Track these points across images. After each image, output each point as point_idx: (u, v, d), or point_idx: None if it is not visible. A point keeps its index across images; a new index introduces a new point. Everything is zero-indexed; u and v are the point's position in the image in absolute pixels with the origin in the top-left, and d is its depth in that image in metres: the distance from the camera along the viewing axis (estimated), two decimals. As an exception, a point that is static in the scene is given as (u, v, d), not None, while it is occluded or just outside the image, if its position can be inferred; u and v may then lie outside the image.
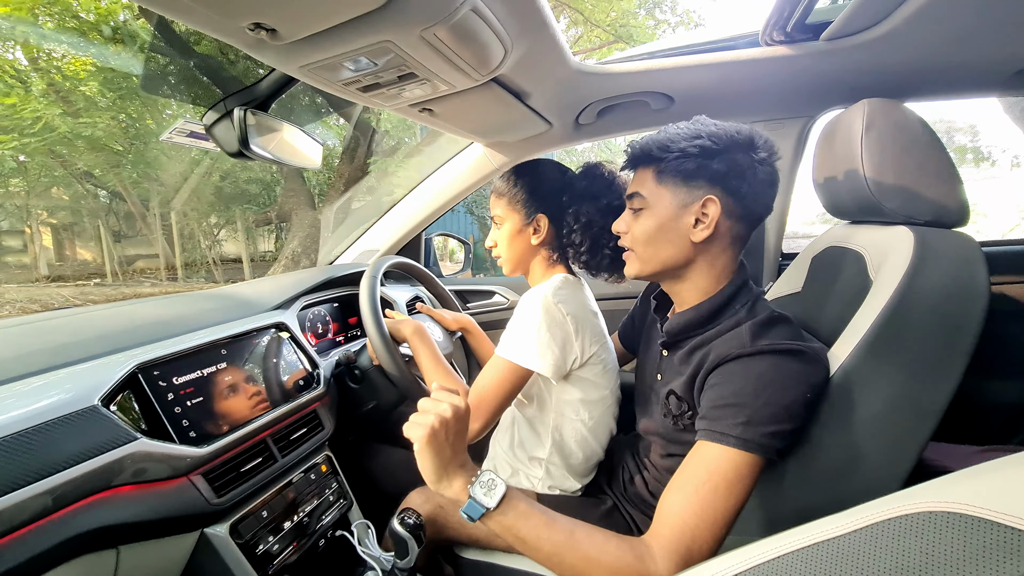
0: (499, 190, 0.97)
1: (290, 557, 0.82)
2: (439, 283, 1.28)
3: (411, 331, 0.95)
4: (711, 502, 0.56)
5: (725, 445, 0.58)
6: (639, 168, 0.74)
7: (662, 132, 0.71)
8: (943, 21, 0.78)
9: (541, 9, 0.69)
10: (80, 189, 7.82)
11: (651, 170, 0.71)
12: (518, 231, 0.95)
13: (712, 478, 0.57)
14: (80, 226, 8.76)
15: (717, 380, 0.63)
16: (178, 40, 3.82)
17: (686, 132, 0.69)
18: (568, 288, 0.89)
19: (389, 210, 1.60)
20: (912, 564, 0.27)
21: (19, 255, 9.25)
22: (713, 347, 0.67)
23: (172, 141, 1.19)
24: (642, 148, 0.71)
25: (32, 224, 8.35)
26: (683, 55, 1.00)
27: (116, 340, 0.75)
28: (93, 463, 0.59)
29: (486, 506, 0.57)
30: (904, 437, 0.61)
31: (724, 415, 0.59)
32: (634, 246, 0.74)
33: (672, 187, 0.69)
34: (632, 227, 0.74)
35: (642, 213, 0.72)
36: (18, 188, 7.25)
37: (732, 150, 0.67)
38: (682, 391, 0.70)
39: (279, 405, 0.87)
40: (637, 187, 0.73)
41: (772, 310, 0.69)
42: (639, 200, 0.72)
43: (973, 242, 0.65)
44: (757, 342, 0.63)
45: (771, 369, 0.60)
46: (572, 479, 0.91)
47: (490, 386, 0.83)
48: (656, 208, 0.70)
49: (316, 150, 1.09)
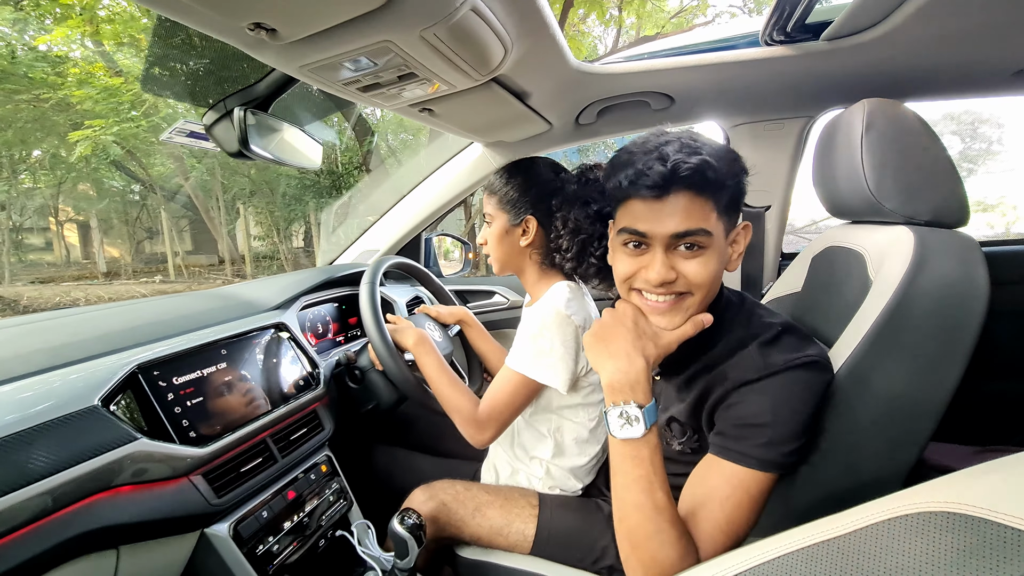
0: (491, 187, 0.96)
1: (290, 557, 0.82)
2: (435, 279, 1.27)
3: (414, 341, 0.94)
4: (734, 517, 0.56)
5: (747, 467, 0.57)
6: (680, 194, 0.57)
7: (702, 147, 0.57)
8: (943, 21, 0.78)
9: (541, 9, 0.69)
10: (136, 184, 7.81)
11: (709, 200, 0.58)
12: (506, 231, 0.93)
13: (735, 495, 0.57)
14: (143, 222, 8.77)
15: (734, 399, 0.61)
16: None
17: (725, 155, 0.58)
18: (575, 298, 0.87)
19: (389, 210, 1.60)
20: (912, 564, 0.27)
21: (74, 252, 9.22)
22: (721, 372, 0.63)
23: (172, 141, 1.19)
24: (703, 166, 0.55)
25: (91, 220, 8.33)
26: (683, 55, 1.00)
27: (116, 340, 0.75)
28: (93, 463, 0.59)
29: (613, 434, 0.57)
30: (904, 436, 0.61)
31: (745, 435, 0.58)
32: (694, 290, 0.60)
33: (727, 219, 0.61)
34: (687, 270, 0.59)
35: (704, 253, 0.59)
36: (69, 181, 7.26)
37: (746, 171, 0.63)
38: (684, 418, 0.68)
39: (279, 405, 0.87)
40: (694, 220, 0.57)
41: (770, 320, 0.65)
42: (703, 238, 0.58)
43: (973, 242, 0.65)
44: (770, 361, 0.60)
45: (788, 388, 0.59)
46: (573, 480, 0.91)
47: (503, 397, 0.84)
48: (717, 245, 0.60)
49: (316, 150, 1.10)
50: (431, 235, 1.73)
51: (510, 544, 0.84)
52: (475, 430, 0.84)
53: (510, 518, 0.85)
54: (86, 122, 5.40)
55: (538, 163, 0.96)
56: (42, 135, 6.08)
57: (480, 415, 0.84)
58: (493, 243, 0.95)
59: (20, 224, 7.67)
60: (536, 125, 1.17)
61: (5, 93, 5.34)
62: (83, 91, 5.30)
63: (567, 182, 0.93)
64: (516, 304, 1.65)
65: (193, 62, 1.03)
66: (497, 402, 0.84)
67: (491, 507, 0.86)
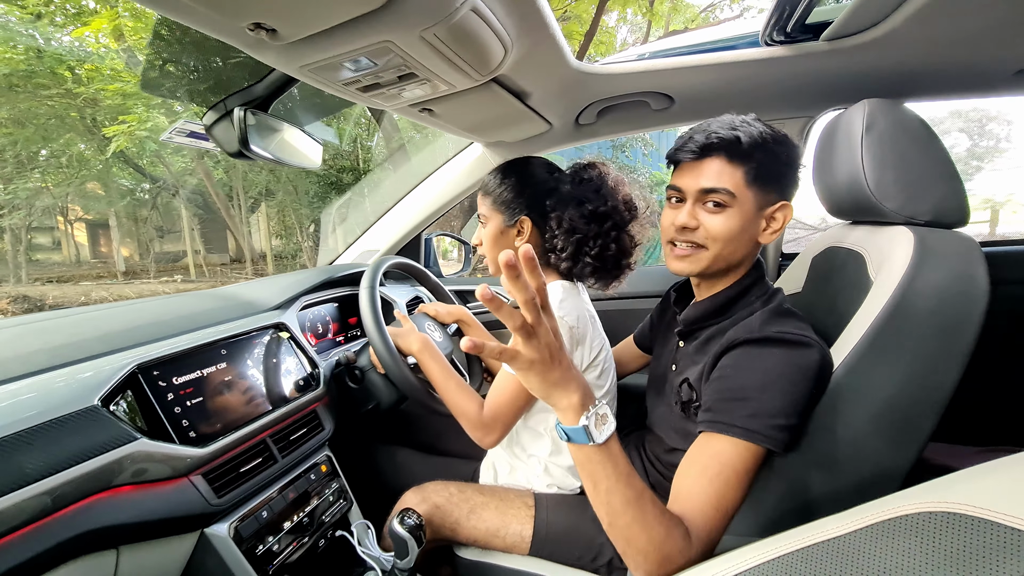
0: (485, 188, 0.95)
1: (290, 557, 0.82)
2: (434, 278, 1.27)
3: (419, 347, 0.93)
4: (724, 492, 0.57)
5: (732, 436, 0.58)
6: (714, 159, 0.69)
7: (744, 127, 0.68)
8: (943, 21, 0.78)
9: (541, 9, 0.69)
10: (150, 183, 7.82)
11: (740, 167, 0.68)
12: (501, 232, 0.93)
13: (724, 471, 0.57)
14: (163, 221, 8.74)
15: (722, 372, 0.64)
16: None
17: (770, 134, 0.69)
18: (569, 298, 0.87)
19: (389, 210, 1.60)
20: (912, 564, 0.27)
21: (96, 251, 9.17)
22: (727, 335, 0.67)
23: (172, 141, 1.19)
24: (736, 140, 0.67)
25: (112, 219, 8.31)
26: (683, 55, 1.00)
27: (116, 340, 0.75)
28: (93, 463, 0.59)
29: (594, 440, 0.52)
30: (904, 436, 0.61)
31: (731, 407, 0.60)
32: (709, 243, 0.71)
33: (757, 189, 0.69)
34: (708, 223, 0.70)
35: (725, 211, 0.69)
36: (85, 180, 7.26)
37: (798, 160, 0.71)
38: (695, 380, 0.71)
39: (279, 405, 0.87)
40: (722, 181, 0.68)
41: (786, 306, 0.70)
42: (724, 196, 0.68)
43: (973, 242, 0.65)
44: (765, 328, 0.63)
45: (779, 362, 0.61)
46: (572, 478, 0.91)
47: (505, 400, 0.83)
48: (743, 207, 0.69)
49: (316, 150, 1.10)
50: (431, 235, 1.73)
51: (507, 545, 0.84)
52: (482, 433, 0.84)
53: (506, 519, 0.85)
54: (120, 117, 5.44)
55: (532, 163, 0.95)
56: (63, 131, 6.10)
57: (485, 418, 0.84)
58: (488, 244, 0.95)
59: (30, 223, 7.68)
60: (536, 125, 1.17)
61: (31, 89, 5.36)
62: (115, 85, 5.31)
63: (561, 182, 0.92)
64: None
65: (196, 62, 1.03)
66: (499, 404, 0.84)
67: (486, 509, 0.86)
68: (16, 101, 5.49)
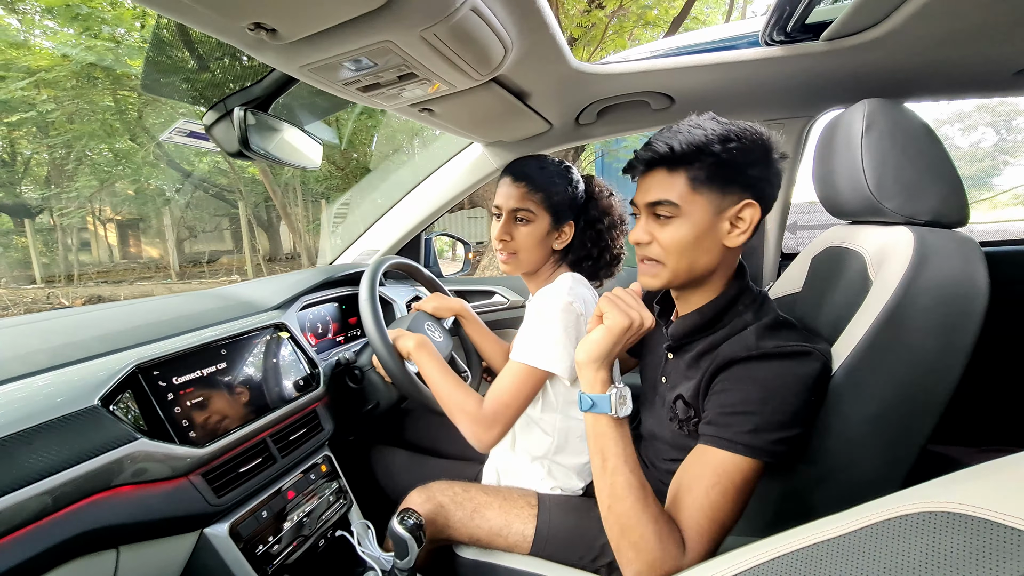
0: (535, 182, 0.91)
1: (290, 557, 0.82)
2: (432, 277, 1.26)
3: (415, 346, 0.92)
4: (721, 505, 0.56)
5: (734, 453, 0.58)
6: (657, 171, 0.68)
7: (684, 132, 0.65)
8: (943, 21, 0.78)
9: (541, 9, 0.69)
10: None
11: (681, 175, 0.65)
12: (547, 233, 0.92)
13: (721, 482, 0.57)
14: (212, 221, 8.68)
15: (723, 386, 0.63)
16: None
17: (715, 134, 0.64)
18: (578, 287, 0.89)
19: (389, 210, 1.60)
20: (912, 564, 0.27)
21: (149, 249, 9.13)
22: (721, 351, 0.66)
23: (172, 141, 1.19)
24: (668, 150, 0.65)
25: (167, 217, 8.28)
26: (683, 55, 1.00)
27: (116, 340, 0.75)
28: (93, 463, 0.59)
29: (616, 412, 0.59)
30: (904, 436, 0.61)
31: (732, 422, 0.59)
32: (664, 257, 0.68)
33: (707, 193, 0.65)
34: (659, 236, 0.68)
35: (673, 222, 0.67)
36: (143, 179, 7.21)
37: (762, 154, 0.66)
38: (690, 396, 0.69)
39: (279, 405, 0.87)
40: (664, 193, 0.66)
41: (778, 313, 0.68)
42: (668, 207, 0.66)
43: (973, 242, 0.65)
44: (762, 344, 0.62)
45: (778, 375, 0.60)
46: (575, 478, 0.91)
47: (509, 391, 0.83)
48: (692, 215, 0.65)
49: (316, 150, 1.10)
50: (431, 235, 1.73)
51: (509, 545, 0.84)
52: (481, 429, 0.83)
53: (509, 519, 0.85)
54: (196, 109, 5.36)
55: (573, 170, 0.97)
56: (125, 130, 6.05)
57: (485, 413, 0.83)
58: (530, 242, 0.92)
59: (67, 224, 7.62)
60: (536, 125, 1.17)
61: (107, 84, 5.32)
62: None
63: (586, 191, 0.98)
64: (516, 304, 1.64)
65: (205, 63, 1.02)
66: (501, 396, 0.83)
67: (489, 508, 0.86)
68: (92, 95, 5.44)
